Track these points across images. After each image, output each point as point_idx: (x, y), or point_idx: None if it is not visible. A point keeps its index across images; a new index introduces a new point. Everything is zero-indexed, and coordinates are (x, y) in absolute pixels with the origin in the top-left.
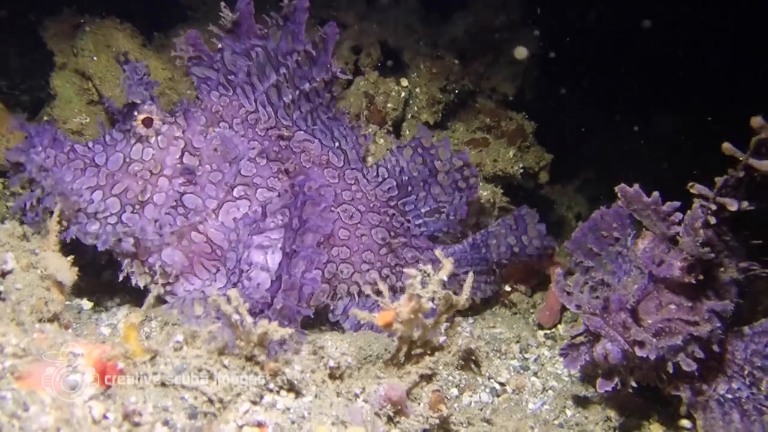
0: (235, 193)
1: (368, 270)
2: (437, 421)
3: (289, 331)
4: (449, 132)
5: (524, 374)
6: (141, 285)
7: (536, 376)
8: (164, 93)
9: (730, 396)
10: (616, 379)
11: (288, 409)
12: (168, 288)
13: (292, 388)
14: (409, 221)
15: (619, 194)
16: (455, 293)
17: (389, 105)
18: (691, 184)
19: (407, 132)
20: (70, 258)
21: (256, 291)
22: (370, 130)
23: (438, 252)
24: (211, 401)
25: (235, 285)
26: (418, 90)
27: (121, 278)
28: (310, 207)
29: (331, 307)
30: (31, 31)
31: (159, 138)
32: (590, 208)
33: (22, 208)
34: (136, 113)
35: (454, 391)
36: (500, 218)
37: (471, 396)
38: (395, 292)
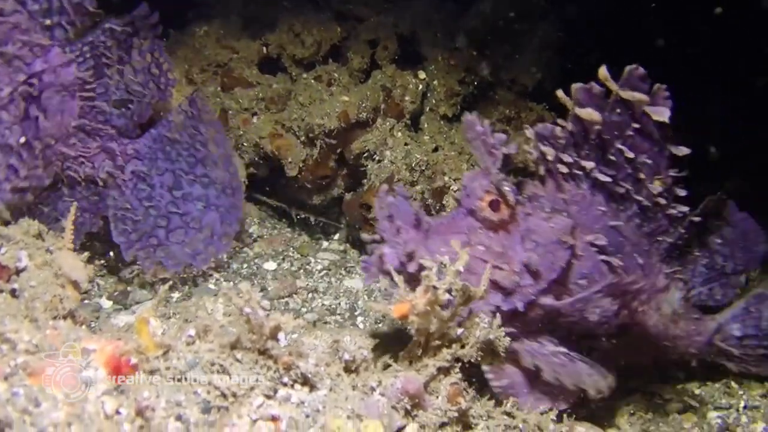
0: None
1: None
2: (456, 414)
3: (301, 322)
4: None
5: None
6: None
7: None
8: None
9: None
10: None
11: (302, 402)
12: None
13: (307, 382)
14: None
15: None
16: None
17: (407, 98)
18: (526, 126)
19: (426, 125)
20: (85, 255)
21: None
22: (388, 124)
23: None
24: (224, 395)
25: None
26: (436, 82)
27: None
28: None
29: None
30: None
31: None
32: None
33: None
34: None
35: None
36: None
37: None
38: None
